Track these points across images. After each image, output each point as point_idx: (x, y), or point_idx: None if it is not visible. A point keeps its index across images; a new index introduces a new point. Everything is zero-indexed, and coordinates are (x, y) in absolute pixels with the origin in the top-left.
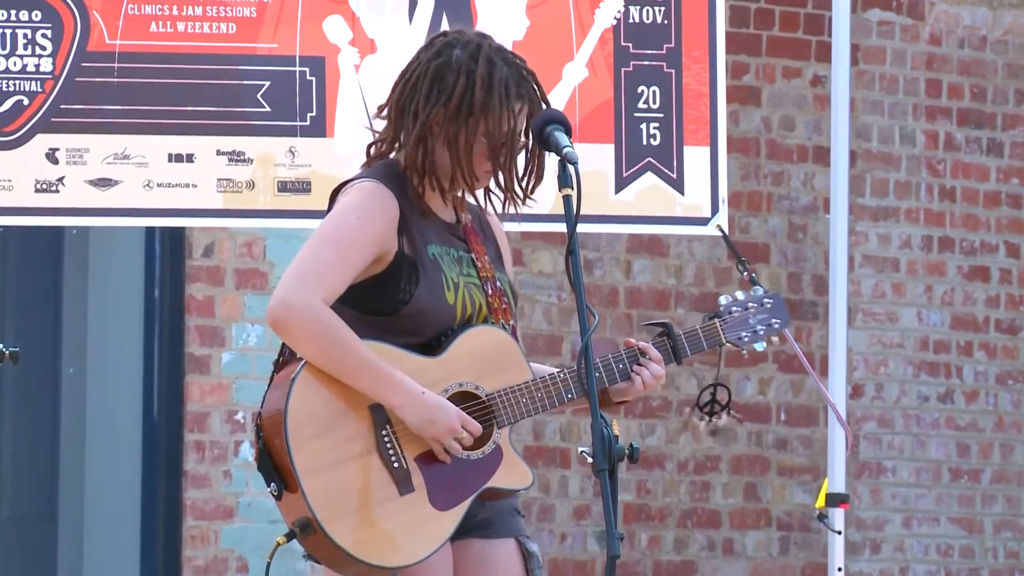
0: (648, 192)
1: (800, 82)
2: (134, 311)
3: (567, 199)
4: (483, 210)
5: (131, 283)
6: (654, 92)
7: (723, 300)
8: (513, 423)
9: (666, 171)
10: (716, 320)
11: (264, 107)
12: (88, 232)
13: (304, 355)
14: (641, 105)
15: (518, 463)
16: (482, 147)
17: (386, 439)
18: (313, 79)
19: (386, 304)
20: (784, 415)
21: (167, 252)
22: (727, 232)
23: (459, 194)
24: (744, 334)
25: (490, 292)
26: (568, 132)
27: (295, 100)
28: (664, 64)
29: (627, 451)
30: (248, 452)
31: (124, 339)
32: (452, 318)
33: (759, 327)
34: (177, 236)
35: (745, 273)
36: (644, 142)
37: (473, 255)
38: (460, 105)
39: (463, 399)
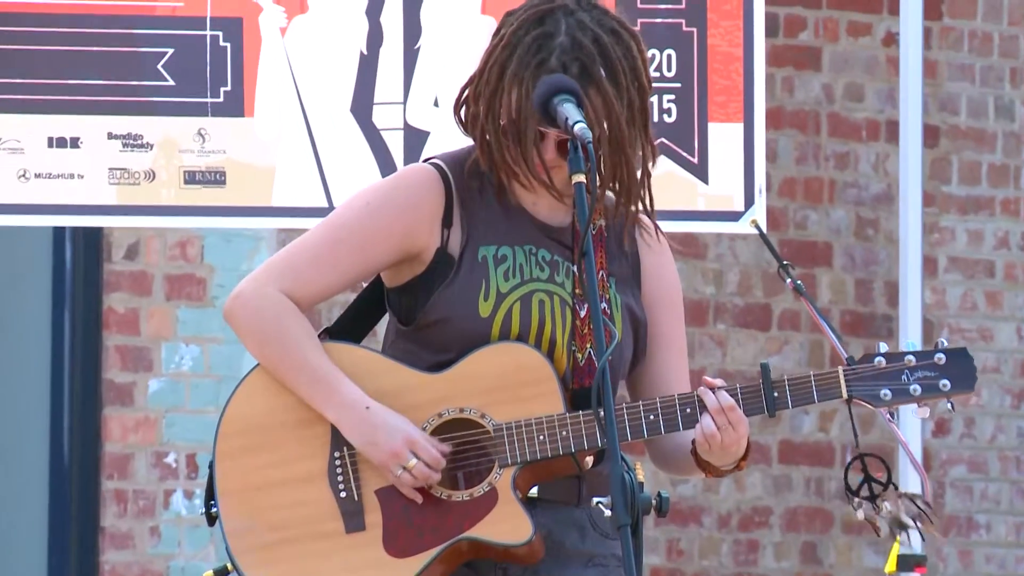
0: (661, 181)
1: (870, 41)
2: (38, 327)
3: (579, 187)
4: (641, 226)
5: (34, 293)
6: (669, 56)
7: (879, 347)
8: (520, 464)
9: (684, 155)
10: (841, 368)
11: (167, 80)
12: None
13: (250, 352)
14: (652, 73)
15: (516, 513)
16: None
17: (338, 463)
18: (228, 45)
19: (416, 309)
20: (850, 458)
21: (80, 254)
22: (764, 230)
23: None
24: (885, 391)
25: (582, 314)
26: (580, 104)
27: (205, 71)
28: (683, 21)
29: (654, 502)
30: (182, 504)
31: (26, 363)
32: (484, 333)
33: (914, 385)
34: (93, 235)
35: (789, 281)
36: (656, 119)
37: (575, 267)
38: (484, 70)
39: (462, 428)
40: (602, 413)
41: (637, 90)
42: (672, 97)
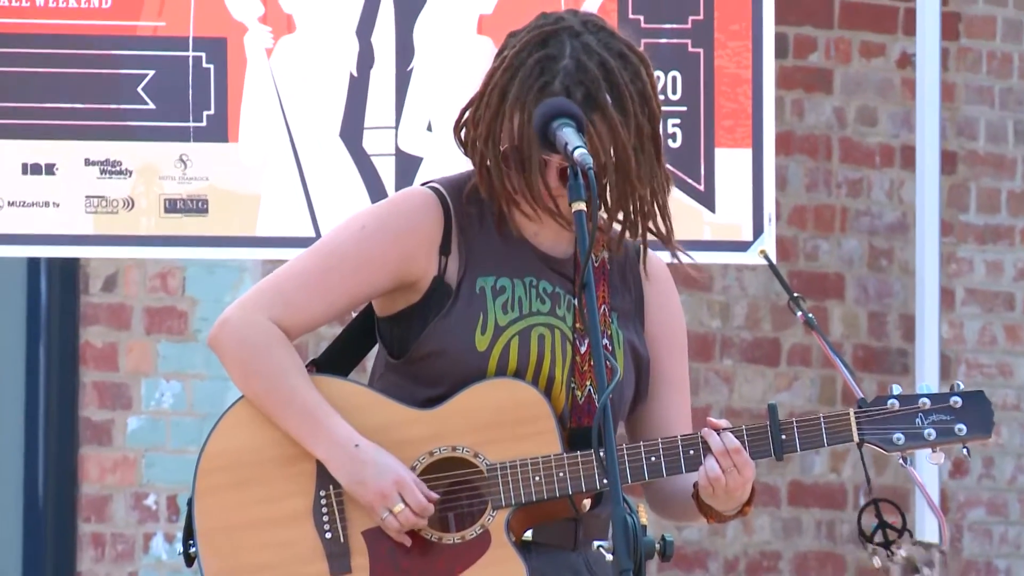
0: None
1: (884, 62)
2: (12, 362)
3: (579, 215)
4: (643, 258)
5: (8, 327)
6: (674, 79)
7: (892, 389)
8: (515, 506)
9: (690, 182)
10: (852, 410)
11: (147, 103)
12: None
13: (234, 384)
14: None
15: (510, 557)
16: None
17: (323, 502)
18: (211, 67)
19: (408, 341)
20: (863, 500)
21: (55, 286)
22: (774, 261)
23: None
24: (898, 435)
25: (583, 350)
26: (581, 128)
27: (187, 94)
28: (689, 42)
29: (657, 546)
30: (163, 548)
31: (0, 400)
32: (480, 368)
33: (929, 430)
34: (69, 265)
35: (799, 314)
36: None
37: (576, 300)
38: (484, 93)
39: (454, 467)
40: (603, 453)
41: (647, 117)
42: (677, 121)
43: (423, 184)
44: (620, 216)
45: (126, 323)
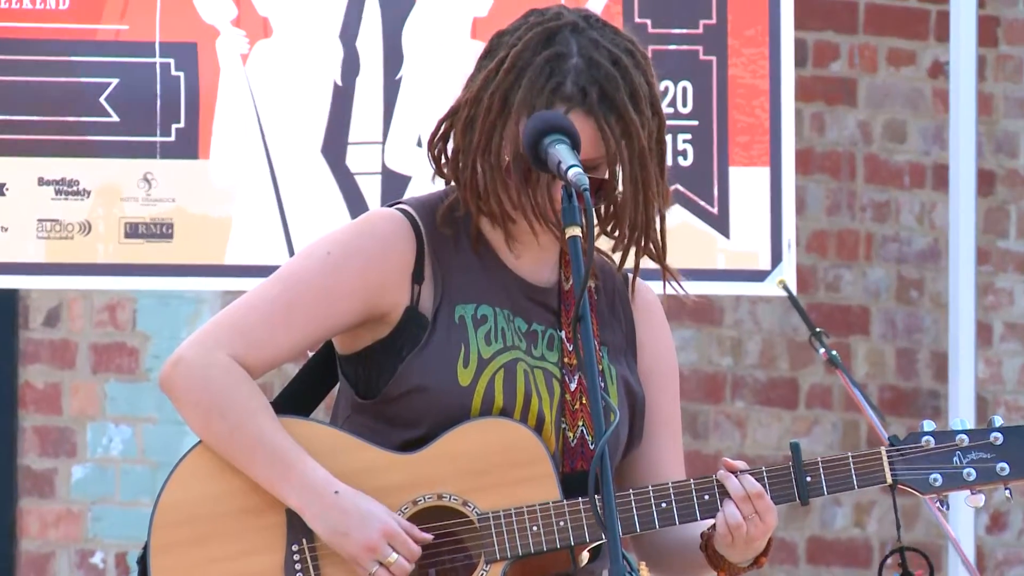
0: (675, 234)
1: (914, 71)
2: None
3: (574, 241)
4: (631, 286)
5: None
6: (684, 90)
7: (924, 425)
8: (511, 559)
9: (701, 203)
10: (884, 448)
11: (109, 115)
12: None
13: (191, 428)
14: (665, 109)
15: None
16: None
17: (296, 558)
18: (180, 75)
19: (380, 381)
20: (889, 550)
21: None
22: (794, 292)
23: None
24: (935, 475)
25: (572, 387)
26: (576, 145)
27: (154, 106)
28: (700, 49)
29: None
30: None
31: None
32: (463, 405)
33: (968, 469)
34: (6, 297)
35: (821, 351)
36: (669, 162)
37: (564, 332)
38: (477, 98)
39: (440, 517)
40: (601, 501)
41: (657, 122)
42: (688, 137)
43: (392, 205)
44: (629, 235)
45: (70, 361)
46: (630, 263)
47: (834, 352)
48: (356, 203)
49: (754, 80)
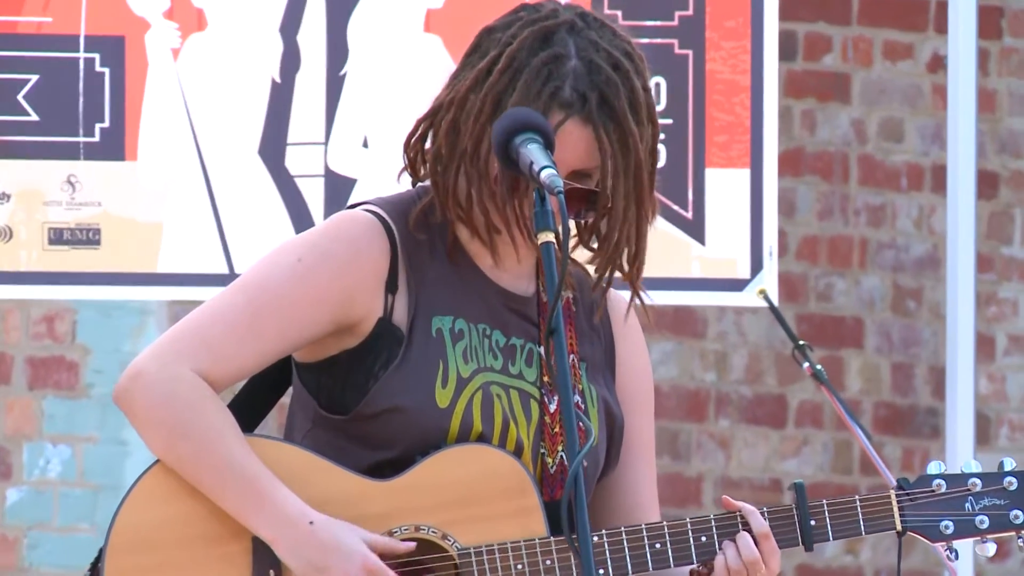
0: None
1: (912, 65)
2: None
3: (547, 248)
4: (604, 296)
5: None
6: (657, 86)
7: (931, 467)
8: None
9: (676, 208)
10: (894, 491)
11: (28, 114)
12: None
13: (151, 448)
14: None
15: None
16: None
17: None
18: (106, 71)
19: (346, 396)
20: None
21: None
22: (776, 302)
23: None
24: (946, 522)
25: (552, 408)
26: (549, 145)
27: (77, 104)
28: (676, 42)
29: None
30: None
31: None
32: (441, 428)
33: (981, 516)
34: None
35: (807, 366)
36: None
37: (542, 348)
38: (469, 93)
39: (416, 550)
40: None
41: (652, 132)
42: (661, 136)
43: (358, 206)
44: (611, 253)
45: (5, 376)
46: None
47: (819, 367)
48: (297, 207)
49: (734, 76)
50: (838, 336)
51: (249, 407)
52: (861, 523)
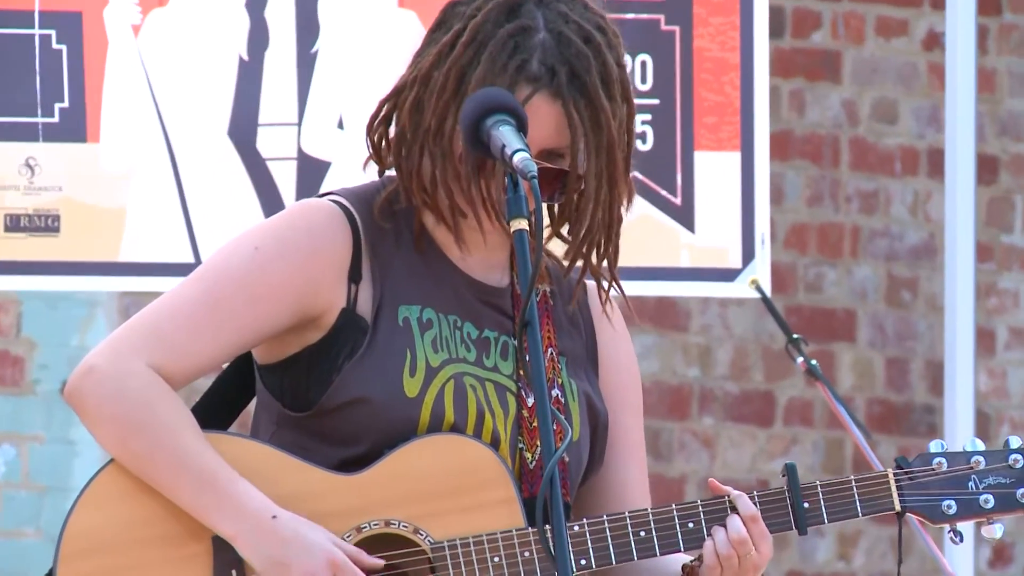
0: (633, 227)
1: (906, 43)
2: None
3: (520, 236)
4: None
5: None
6: (643, 64)
7: (932, 446)
8: None
9: (663, 194)
10: (891, 471)
11: None
12: None
13: (104, 447)
14: None
15: None
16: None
17: None
18: (63, 48)
19: (311, 392)
20: None
21: None
22: (769, 293)
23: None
24: (948, 501)
25: (530, 402)
26: (522, 127)
27: (34, 83)
28: (662, 18)
29: None
30: None
31: None
32: (411, 419)
33: (986, 495)
34: None
35: (800, 360)
36: None
37: (515, 340)
38: (430, 76)
39: (388, 546)
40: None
41: (626, 110)
42: (647, 117)
43: (322, 196)
44: (583, 238)
45: None
46: (578, 265)
47: (814, 362)
48: (268, 192)
49: (723, 53)
50: (829, 329)
51: (212, 418)
52: (857, 504)
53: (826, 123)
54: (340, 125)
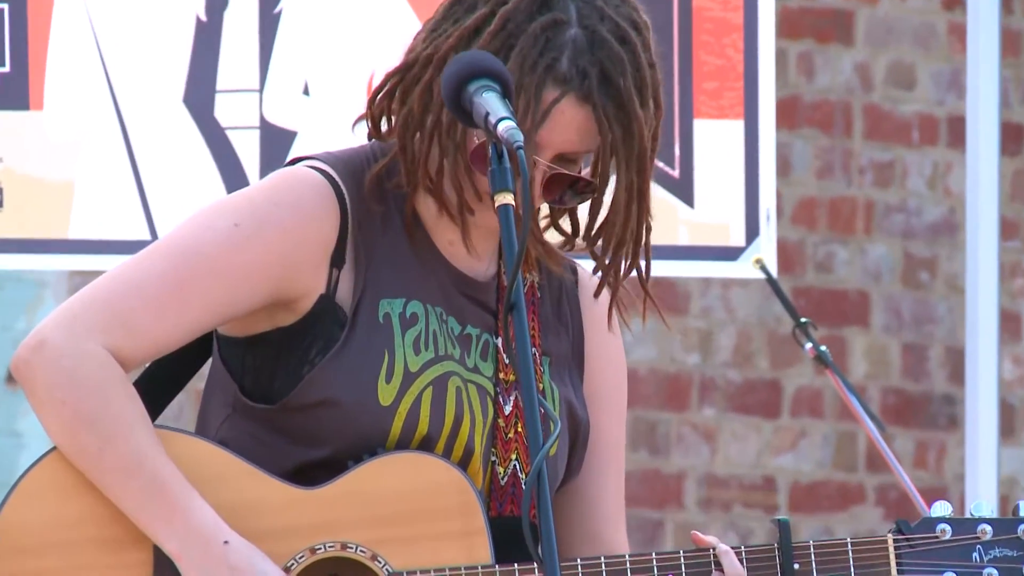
0: None
1: (925, 2)
2: None
3: (504, 211)
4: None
5: None
6: None
7: (937, 508)
8: None
9: (660, 165)
10: (891, 535)
11: None
12: None
13: (48, 432)
14: None
15: None
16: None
17: None
18: (4, 7)
19: (276, 382)
20: None
21: None
22: (775, 273)
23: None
24: (949, 573)
25: (508, 410)
26: (507, 93)
27: None
28: None
29: None
30: None
31: None
32: (381, 428)
33: (989, 568)
34: None
35: (809, 345)
36: None
37: (501, 339)
38: (451, 54)
39: (342, 571)
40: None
41: (657, 117)
42: None
43: (303, 162)
44: (611, 253)
45: None
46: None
47: (824, 348)
48: (228, 163)
49: (725, 13)
50: (840, 313)
51: (159, 383)
52: (852, 570)
53: (837, 88)
54: (306, 91)
